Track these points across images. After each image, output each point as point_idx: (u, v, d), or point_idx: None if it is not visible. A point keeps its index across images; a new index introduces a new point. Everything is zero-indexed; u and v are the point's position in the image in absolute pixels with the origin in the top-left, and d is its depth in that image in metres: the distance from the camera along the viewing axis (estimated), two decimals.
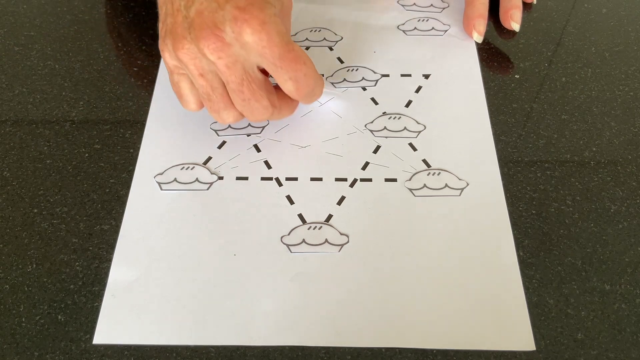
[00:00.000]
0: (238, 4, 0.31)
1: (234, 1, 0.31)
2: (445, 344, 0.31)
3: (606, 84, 0.43)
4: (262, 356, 0.31)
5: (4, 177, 0.38)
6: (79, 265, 0.34)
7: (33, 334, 0.32)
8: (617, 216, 0.36)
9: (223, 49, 0.31)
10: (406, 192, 0.37)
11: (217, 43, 0.31)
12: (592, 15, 0.48)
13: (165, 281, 0.33)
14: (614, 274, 0.34)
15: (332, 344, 0.31)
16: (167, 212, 0.36)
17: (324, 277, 0.33)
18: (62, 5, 0.49)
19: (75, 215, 0.36)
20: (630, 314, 0.32)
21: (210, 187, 0.37)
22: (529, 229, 0.36)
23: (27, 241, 0.35)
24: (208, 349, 0.31)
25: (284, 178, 0.38)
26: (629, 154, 0.39)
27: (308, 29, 0.46)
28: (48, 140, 0.40)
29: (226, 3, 0.31)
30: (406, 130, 0.40)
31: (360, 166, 0.38)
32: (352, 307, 0.32)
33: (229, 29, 0.31)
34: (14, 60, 0.45)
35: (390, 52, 0.45)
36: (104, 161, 0.39)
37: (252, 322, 0.32)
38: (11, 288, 0.33)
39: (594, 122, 0.41)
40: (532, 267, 0.34)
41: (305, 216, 0.36)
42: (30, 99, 0.42)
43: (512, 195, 0.37)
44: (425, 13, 0.48)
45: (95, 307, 0.32)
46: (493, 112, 0.41)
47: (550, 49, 0.46)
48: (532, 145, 0.40)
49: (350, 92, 0.42)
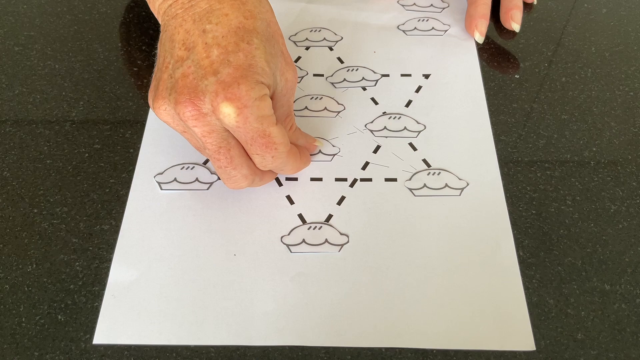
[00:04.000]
0: (224, 79, 0.29)
1: (221, 74, 0.29)
2: (445, 344, 0.31)
3: (606, 84, 0.43)
4: (262, 356, 0.31)
5: (4, 177, 0.38)
6: (79, 265, 0.34)
7: (33, 334, 0.32)
8: (617, 216, 0.36)
9: (198, 117, 0.30)
10: (406, 192, 0.37)
11: (192, 112, 0.30)
12: (592, 15, 0.48)
13: (165, 281, 0.33)
14: (614, 274, 0.34)
15: (332, 344, 0.31)
16: (167, 212, 0.36)
17: (324, 277, 0.33)
18: (62, 5, 0.49)
19: (75, 215, 0.36)
20: (630, 314, 0.32)
21: (210, 187, 0.37)
22: (529, 229, 0.36)
23: (27, 241, 0.35)
24: (208, 349, 0.31)
25: (284, 178, 0.38)
26: (629, 154, 0.39)
27: (308, 29, 0.46)
28: (48, 140, 0.40)
29: (212, 74, 0.29)
30: (406, 130, 0.40)
31: (360, 166, 0.38)
32: (352, 307, 0.32)
33: (207, 101, 0.30)
34: (14, 60, 0.45)
35: (390, 52, 0.45)
36: (104, 161, 0.39)
37: (252, 322, 0.32)
38: (11, 288, 0.33)
39: (594, 122, 0.41)
40: (532, 267, 0.34)
41: (305, 216, 0.36)
42: (30, 99, 0.42)
43: (512, 195, 0.37)
44: (425, 13, 0.48)
45: (95, 307, 0.32)
46: (493, 112, 0.41)
47: (550, 49, 0.46)
48: (532, 145, 0.40)
49: (350, 92, 0.42)
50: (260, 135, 0.31)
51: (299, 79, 0.43)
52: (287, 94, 0.34)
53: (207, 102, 0.30)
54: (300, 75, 0.43)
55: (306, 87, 0.43)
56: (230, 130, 0.31)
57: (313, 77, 0.43)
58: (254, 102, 0.30)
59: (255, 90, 0.30)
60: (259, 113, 0.30)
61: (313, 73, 0.43)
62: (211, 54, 0.30)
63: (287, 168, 0.35)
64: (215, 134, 0.31)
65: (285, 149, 0.33)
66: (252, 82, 0.30)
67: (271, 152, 0.32)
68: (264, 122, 0.31)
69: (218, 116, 0.30)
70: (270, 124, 0.31)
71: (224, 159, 0.32)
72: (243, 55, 0.30)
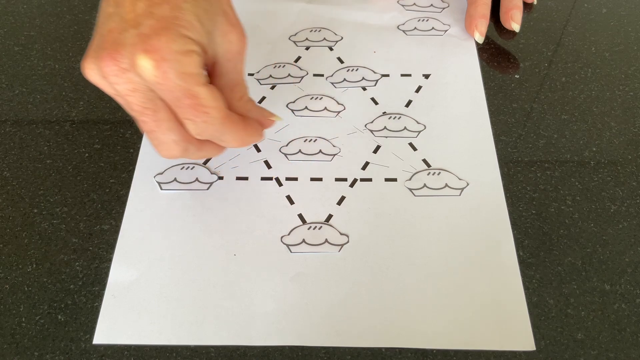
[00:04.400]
0: (144, 31, 0.28)
1: (143, 26, 0.28)
2: (445, 344, 0.31)
3: (606, 84, 0.43)
4: (262, 356, 0.31)
5: (4, 177, 0.38)
6: (79, 265, 0.34)
7: (33, 334, 0.32)
8: (617, 216, 0.36)
9: (118, 74, 0.28)
10: (406, 191, 0.37)
11: (112, 67, 0.28)
12: (592, 15, 0.48)
13: (165, 281, 0.33)
14: (614, 274, 0.34)
15: (332, 344, 0.31)
16: (167, 212, 0.36)
17: (324, 277, 0.33)
18: (62, 5, 0.49)
19: (75, 215, 0.36)
20: (630, 314, 0.32)
21: (210, 187, 0.37)
22: (529, 229, 0.36)
23: (27, 241, 0.35)
24: (208, 349, 0.31)
25: (284, 178, 0.38)
26: (629, 154, 0.39)
27: (308, 29, 0.46)
28: (48, 140, 0.40)
29: (134, 27, 0.28)
30: (406, 130, 0.40)
31: (360, 166, 0.38)
32: (352, 307, 0.32)
33: (126, 54, 0.28)
34: (14, 60, 0.45)
35: (390, 52, 0.45)
36: (104, 161, 0.39)
37: (252, 322, 0.32)
38: (11, 288, 0.33)
39: (594, 122, 0.41)
40: (532, 267, 0.34)
41: (305, 216, 0.36)
42: (30, 99, 0.42)
43: (512, 195, 0.37)
44: (425, 13, 0.48)
45: (95, 307, 0.32)
46: (493, 112, 0.41)
47: (550, 49, 0.46)
48: (532, 145, 0.40)
49: (350, 92, 0.42)
50: (186, 94, 0.29)
51: (298, 79, 0.43)
52: (233, 59, 0.32)
53: (126, 55, 0.28)
54: (300, 75, 0.43)
55: (306, 87, 0.43)
56: (153, 88, 0.29)
57: (313, 77, 0.43)
58: (175, 55, 0.28)
59: (177, 43, 0.28)
60: (180, 68, 0.28)
61: (313, 73, 0.43)
62: (136, 8, 0.28)
63: (228, 139, 0.32)
64: (139, 93, 0.29)
65: (219, 115, 0.30)
66: (174, 35, 0.28)
67: (201, 116, 0.30)
68: (187, 79, 0.28)
69: (137, 70, 0.28)
70: (196, 83, 0.29)
71: (151, 121, 0.30)
72: (168, 7, 0.28)
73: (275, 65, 0.44)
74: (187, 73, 0.28)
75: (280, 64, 0.44)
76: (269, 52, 0.45)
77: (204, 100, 0.29)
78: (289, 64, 0.44)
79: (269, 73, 0.43)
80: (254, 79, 0.43)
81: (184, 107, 0.29)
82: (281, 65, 0.44)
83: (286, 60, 0.44)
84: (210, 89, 0.30)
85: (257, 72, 0.43)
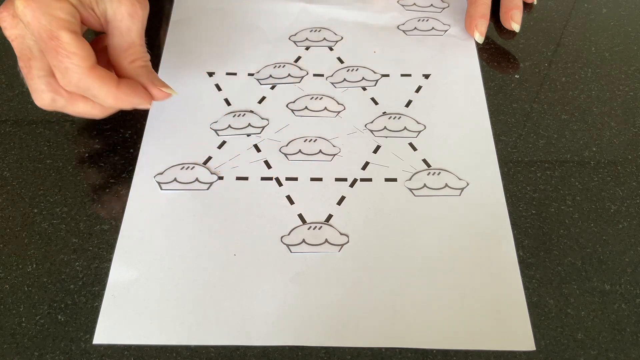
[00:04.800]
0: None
1: None
2: (445, 344, 0.31)
3: (606, 84, 0.43)
4: (262, 356, 0.31)
5: (4, 177, 0.38)
6: (79, 265, 0.34)
7: (33, 334, 0.32)
8: (617, 216, 0.36)
9: (7, 19, 0.32)
10: (406, 192, 0.37)
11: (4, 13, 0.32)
12: (592, 15, 0.48)
13: (165, 281, 0.33)
14: (614, 274, 0.34)
15: (332, 344, 0.31)
16: (167, 212, 0.36)
17: (324, 277, 0.33)
18: None
19: (75, 215, 0.36)
20: (630, 314, 0.32)
21: (210, 187, 0.37)
22: (529, 229, 0.36)
23: (27, 241, 0.35)
24: (208, 349, 0.31)
25: (284, 178, 0.38)
26: (629, 154, 0.39)
27: (308, 29, 0.46)
28: (48, 140, 0.40)
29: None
30: (406, 130, 0.40)
31: (360, 166, 0.38)
32: (352, 307, 0.32)
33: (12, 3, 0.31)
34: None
35: (390, 52, 0.45)
36: (104, 161, 0.39)
37: (252, 322, 0.32)
38: (11, 288, 0.33)
39: (594, 122, 0.41)
40: (532, 267, 0.34)
41: (305, 216, 0.36)
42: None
43: (512, 195, 0.37)
44: (425, 13, 0.48)
45: (95, 307, 0.32)
46: (493, 112, 0.41)
47: (550, 49, 0.46)
48: (532, 145, 0.40)
49: (350, 92, 0.42)
50: (49, 36, 0.30)
51: (298, 79, 0.43)
52: (125, 20, 0.33)
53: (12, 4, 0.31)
54: (300, 75, 0.43)
55: (306, 87, 0.43)
56: (28, 31, 0.31)
57: (313, 77, 0.43)
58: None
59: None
60: (47, 10, 0.30)
61: (313, 73, 0.43)
62: None
63: (100, 94, 0.33)
64: (20, 39, 0.32)
65: (84, 64, 0.31)
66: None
67: (63, 60, 0.31)
68: (52, 22, 0.30)
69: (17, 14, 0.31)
70: (60, 27, 0.31)
71: (25, 67, 0.33)
72: None
73: (275, 65, 0.44)
74: (53, 15, 0.30)
75: (280, 64, 0.44)
76: (269, 52, 0.45)
77: (66, 45, 0.31)
78: (289, 64, 0.44)
79: (269, 73, 0.43)
80: (254, 79, 0.43)
81: (49, 52, 0.31)
82: (281, 65, 0.44)
83: (286, 60, 0.44)
84: (75, 35, 0.31)
85: (257, 72, 0.43)
